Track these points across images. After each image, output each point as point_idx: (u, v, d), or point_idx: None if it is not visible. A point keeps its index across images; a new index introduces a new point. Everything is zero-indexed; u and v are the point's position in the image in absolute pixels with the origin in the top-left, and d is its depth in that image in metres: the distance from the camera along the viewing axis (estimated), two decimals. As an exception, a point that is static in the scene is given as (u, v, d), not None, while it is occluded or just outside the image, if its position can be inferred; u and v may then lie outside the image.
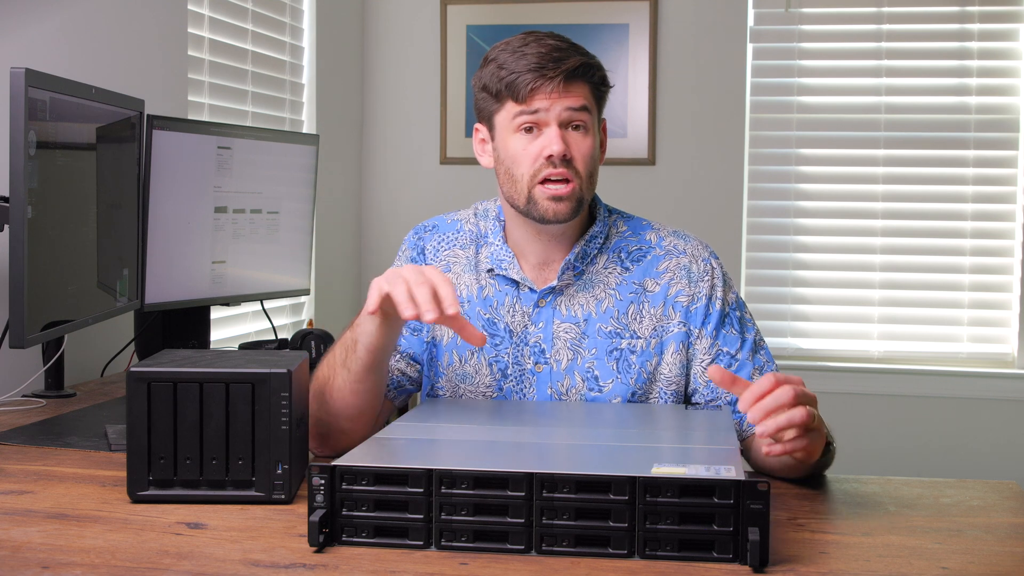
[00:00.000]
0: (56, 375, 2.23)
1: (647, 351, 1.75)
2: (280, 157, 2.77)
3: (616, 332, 1.75)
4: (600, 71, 1.74)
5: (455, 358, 1.79)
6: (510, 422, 1.61)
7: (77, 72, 2.33)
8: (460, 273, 1.82)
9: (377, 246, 4.05)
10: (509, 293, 1.78)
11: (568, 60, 1.68)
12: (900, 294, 3.83)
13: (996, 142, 3.75)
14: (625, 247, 1.80)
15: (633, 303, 1.76)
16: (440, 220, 1.89)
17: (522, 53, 1.68)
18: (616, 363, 1.74)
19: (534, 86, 1.67)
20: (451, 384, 1.79)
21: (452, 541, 1.25)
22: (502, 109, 1.71)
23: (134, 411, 1.41)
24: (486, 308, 1.78)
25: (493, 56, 1.72)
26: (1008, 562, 1.27)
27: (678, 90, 3.88)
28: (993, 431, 3.74)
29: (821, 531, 1.36)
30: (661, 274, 1.78)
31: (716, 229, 3.82)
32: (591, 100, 1.72)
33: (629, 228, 1.83)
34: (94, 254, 2.11)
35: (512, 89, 1.68)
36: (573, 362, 1.75)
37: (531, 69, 1.67)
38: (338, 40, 3.82)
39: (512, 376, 1.76)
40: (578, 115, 1.69)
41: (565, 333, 1.76)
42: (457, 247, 1.84)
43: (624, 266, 1.79)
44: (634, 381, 1.74)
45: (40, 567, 1.20)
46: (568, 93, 1.68)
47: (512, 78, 1.68)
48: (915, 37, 3.78)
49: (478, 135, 1.79)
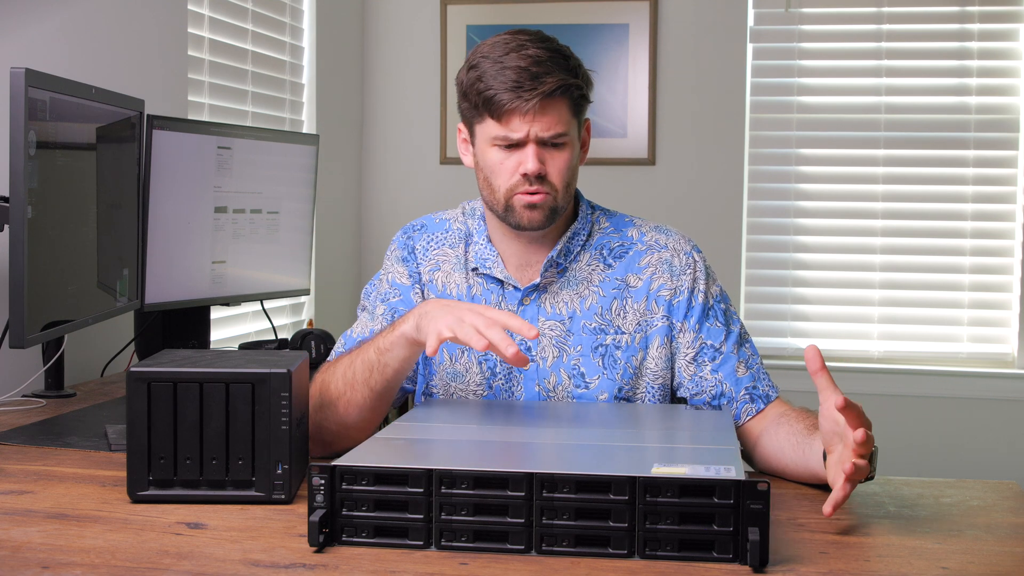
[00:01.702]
0: (56, 375, 2.23)
1: (632, 346, 1.76)
2: (280, 157, 2.77)
3: (601, 328, 1.76)
4: (579, 89, 1.70)
5: (446, 356, 1.79)
6: (510, 422, 1.61)
7: (77, 72, 2.33)
8: (450, 271, 1.83)
9: (377, 246, 4.05)
10: (495, 291, 1.79)
11: (546, 80, 1.65)
12: (900, 294, 3.83)
13: (996, 142, 3.75)
14: (607, 244, 1.81)
15: (616, 299, 1.77)
16: (428, 219, 1.89)
17: (502, 65, 1.66)
18: (602, 359, 1.75)
19: (510, 107, 1.66)
20: (443, 383, 1.80)
21: (452, 541, 1.25)
22: (482, 122, 1.71)
23: (134, 411, 1.41)
24: None
25: (475, 62, 1.70)
26: (1008, 562, 1.27)
27: (678, 90, 3.88)
28: (993, 431, 3.74)
29: (821, 531, 1.36)
30: (643, 269, 1.79)
31: (716, 229, 3.82)
32: (568, 117, 1.70)
33: (611, 224, 1.84)
34: (94, 254, 2.11)
35: (490, 107, 1.67)
36: (559, 359, 1.76)
37: (509, 88, 1.65)
38: (338, 40, 3.82)
39: (500, 374, 1.77)
40: (555, 136, 1.68)
41: (550, 331, 1.77)
42: (446, 246, 1.85)
43: (607, 263, 1.80)
44: (620, 377, 1.75)
45: (40, 567, 1.20)
46: (545, 114, 1.66)
47: (490, 95, 1.66)
48: (915, 37, 3.78)
49: (460, 135, 1.80)
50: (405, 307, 1.79)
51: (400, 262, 1.85)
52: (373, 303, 1.85)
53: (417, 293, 1.82)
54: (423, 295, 1.82)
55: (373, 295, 1.86)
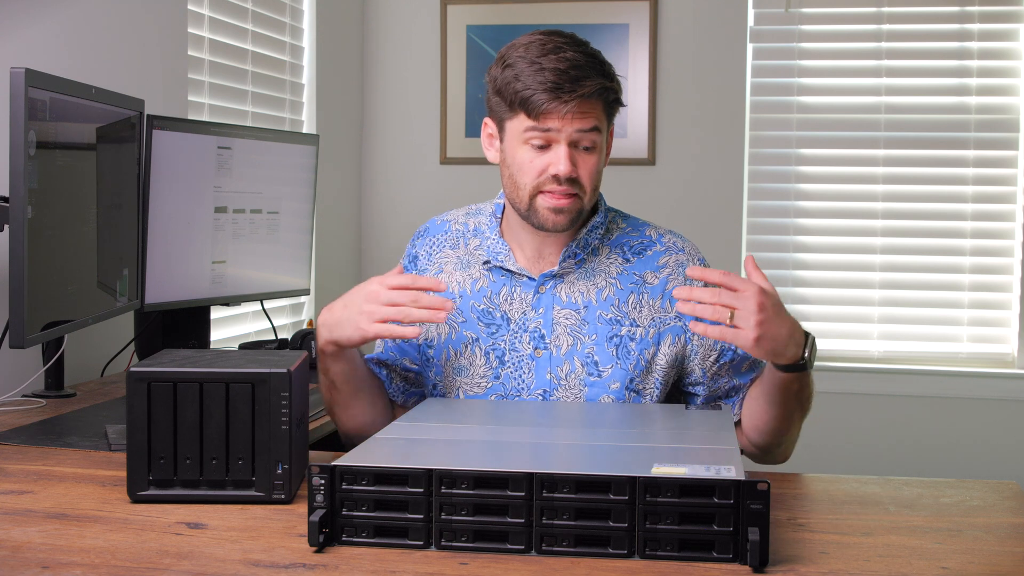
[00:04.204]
0: (56, 375, 2.23)
1: (646, 339, 1.78)
2: (280, 157, 2.77)
3: (616, 319, 1.78)
4: (616, 92, 1.73)
5: (450, 353, 1.81)
6: (510, 422, 1.61)
7: (77, 72, 2.32)
8: (452, 272, 1.85)
9: (377, 246, 4.05)
10: (506, 283, 1.81)
11: (585, 83, 1.67)
12: (900, 294, 3.83)
13: (996, 142, 3.75)
14: (627, 242, 1.84)
15: (633, 293, 1.80)
16: (431, 223, 1.92)
17: (540, 67, 1.67)
18: (616, 349, 1.77)
19: (548, 107, 1.67)
20: (448, 380, 1.81)
21: (452, 541, 1.25)
22: (515, 119, 1.72)
23: (134, 411, 1.41)
24: (480, 299, 1.81)
25: (511, 61, 1.71)
26: (1008, 562, 1.27)
27: (678, 90, 3.87)
28: (993, 431, 3.74)
29: (821, 531, 1.36)
30: (661, 268, 1.82)
31: (716, 229, 3.82)
32: (603, 119, 1.72)
33: (629, 225, 1.87)
34: (94, 254, 2.11)
35: (526, 105, 1.68)
36: (573, 347, 1.77)
37: (547, 89, 1.66)
38: (338, 40, 3.82)
39: (510, 363, 1.78)
40: (588, 136, 1.70)
41: (565, 319, 1.78)
42: (447, 247, 1.87)
43: (626, 258, 1.82)
44: (633, 368, 1.77)
45: (40, 567, 1.20)
46: (581, 116, 1.68)
47: (528, 94, 1.67)
48: (915, 37, 3.78)
49: (487, 129, 1.81)
50: None
51: (406, 272, 1.88)
52: None
53: None
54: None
55: None
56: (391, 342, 1.86)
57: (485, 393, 1.78)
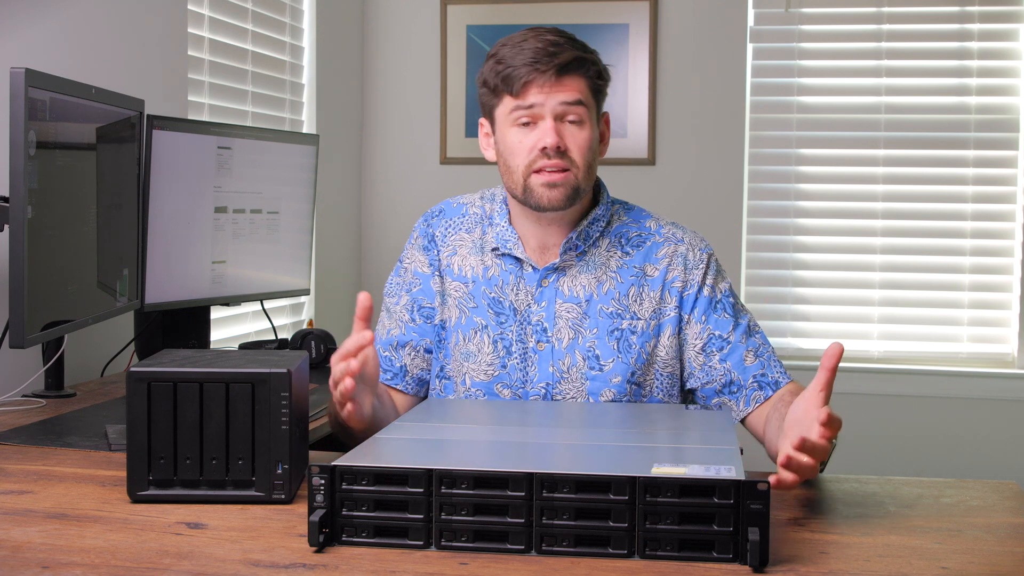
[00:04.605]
0: (56, 375, 2.23)
1: (647, 332, 1.79)
2: (280, 157, 2.77)
3: (617, 313, 1.79)
4: (596, 65, 1.76)
5: (460, 337, 1.82)
6: (510, 422, 1.61)
7: (77, 72, 2.33)
8: (466, 255, 1.86)
9: (377, 246, 4.05)
10: (513, 272, 1.82)
11: (562, 54, 1.71)
12: (900, 294, 3.83)
13: (996, 142, 3.75)
14: (625, 233, 1.84)
15: (634, 286, 1.80)
16: (447, 204, 1.93)
17: (520, 48, 1.72)
18: (617, 343, 1.78)
19: (527, 79, 1.71)
20: (456, 363, 1.82)
21: (452, 541, 1.25)
22: (500, 103, 1.75)
23: (134, 411, 1.41)
24: (491, 287, 1.82)
25: (494, 52, 1.76)
26: (1008, 562, 1.27)
27: (678, 90, 3.87)
28: (993, 431, 3.73)
29: (821, 531, 1.36)
30: (660, 260, 1.82)
31: (716, 229, 3.81)
32: (587, 94, 1.74)
33: (630, 216, 1.88)
34: (94, 254, 2.11)
35: (508, 83, 1.72)
36: (574, 341, 1.78)
37: (526, 63, 1.71)
38: (338, 40, 3.82)
39: (516, 354, 1.79)
40: (573, 108, 1.72)
41: (567, 313, 1.79)
42: (463, 230, 1.88)
43: (624, 250, 1.83)
44: (634, 361, 1.78)
45: (40, 567, 1.20)
46: (562, 87, 1.71)
47: (508, 72, 1.72)
48: (915, 37, 3.78)
49: (482, 130, 1.84)
50: (425, 296, 1.85)
51: (421, 250, 1.88)
52: (397, 293, 1.88)
53: (436, 280, 1.86)
54: (442, 281, 1.85)
55: (396, 284, 1.90)
56: (411, 323, 1.85)
57: (491, 381, 1.79)
